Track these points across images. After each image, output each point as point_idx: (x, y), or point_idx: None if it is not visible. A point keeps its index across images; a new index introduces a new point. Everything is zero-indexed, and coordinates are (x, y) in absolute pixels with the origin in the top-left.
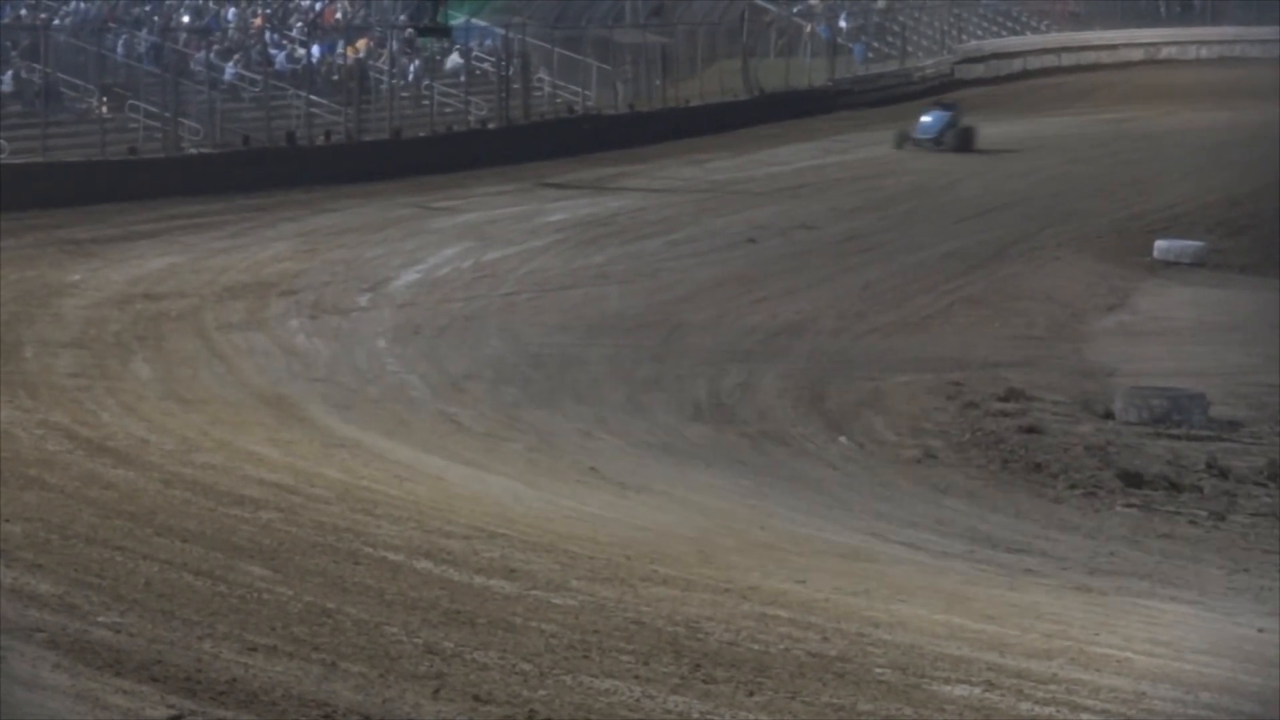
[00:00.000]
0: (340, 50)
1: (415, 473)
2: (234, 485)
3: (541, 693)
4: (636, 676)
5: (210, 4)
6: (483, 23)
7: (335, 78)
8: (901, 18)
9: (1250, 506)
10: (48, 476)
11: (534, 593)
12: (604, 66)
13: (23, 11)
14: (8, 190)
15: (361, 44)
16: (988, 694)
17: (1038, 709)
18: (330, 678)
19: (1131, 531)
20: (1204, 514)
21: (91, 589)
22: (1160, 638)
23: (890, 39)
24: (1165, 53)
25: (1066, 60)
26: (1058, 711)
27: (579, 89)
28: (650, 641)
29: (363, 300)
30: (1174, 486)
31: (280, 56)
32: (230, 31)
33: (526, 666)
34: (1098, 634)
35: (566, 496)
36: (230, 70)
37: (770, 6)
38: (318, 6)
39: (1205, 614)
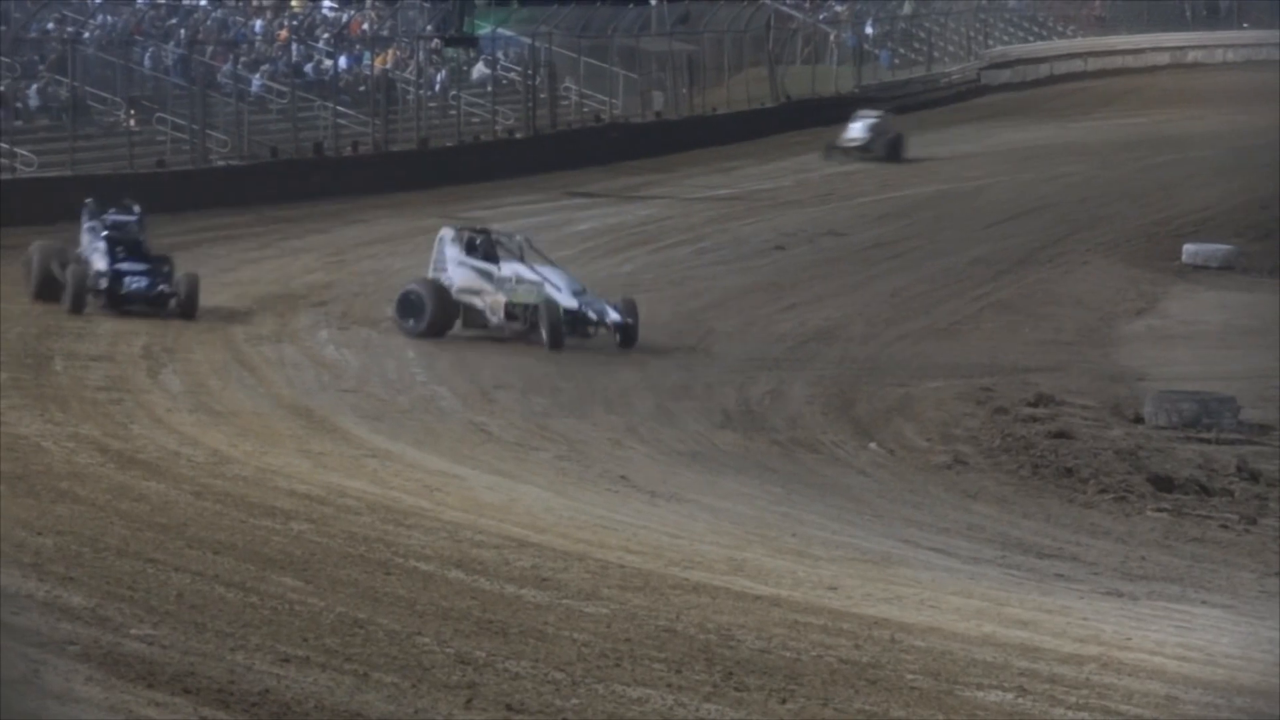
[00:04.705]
0: (367, 61)
1: (446, 483)
2: (265, 497)
3: (574, 701)
4: (669, 684)
5: (237, 16)
6: (509, 32)
7: (362, 89)
8: (927, 23)
9: None
10: (79, 489)
11: (565, 602)
12: (630, 75)
13: (50, 25)
14: (36, 204)
15: (388, 55)
16: (1020, 699)
17: (1070, 714)
18: (363, 688)
19: (1162, 536)
20: (1235, 518)
21: (124, 601)
22: (1192, 642)
23: (916, 45)
24: (1191, 56)
25: (1093, 65)
26: (1090, 716)
27: (606, 98)
28: (682, 649)
29: (392, 311)
30: (1205, 490)
31: (307, 68)
32: (257, 43)
33: (559, 675)
34: (1129, 639)
35: (597, 505)
36: (257, 82)
37: (796, 13)
38: (344, 18)
39: (1237, 618)
